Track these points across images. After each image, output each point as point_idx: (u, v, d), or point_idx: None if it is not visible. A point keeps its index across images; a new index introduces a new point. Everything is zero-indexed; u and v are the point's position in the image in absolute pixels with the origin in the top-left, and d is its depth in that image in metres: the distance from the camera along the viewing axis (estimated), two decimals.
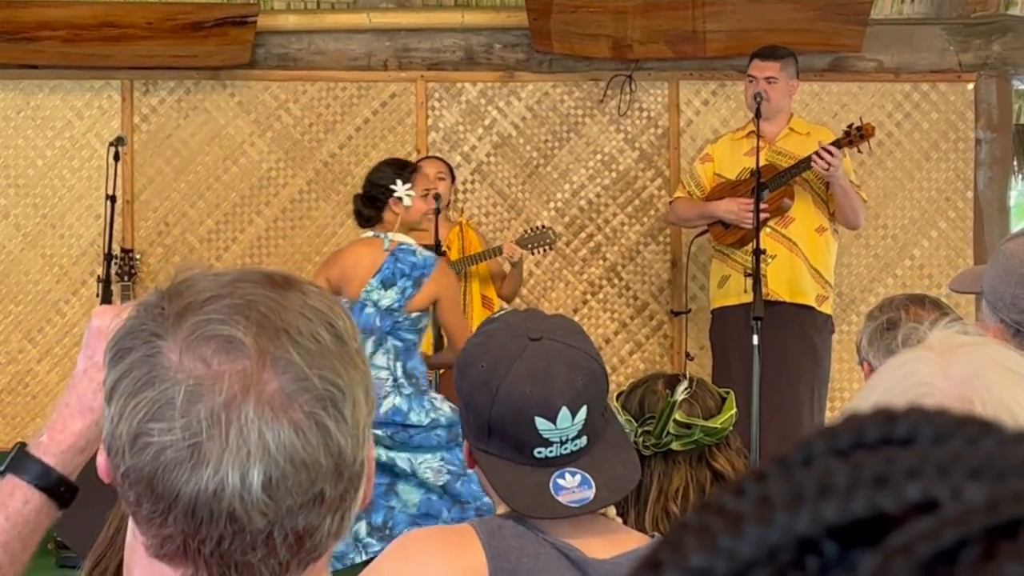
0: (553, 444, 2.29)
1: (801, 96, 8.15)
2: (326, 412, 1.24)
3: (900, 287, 8.24)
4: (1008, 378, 1.31)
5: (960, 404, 1.29)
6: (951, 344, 1.36)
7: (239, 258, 8.18)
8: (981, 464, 0.54)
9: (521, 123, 8.28)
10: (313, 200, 8.24)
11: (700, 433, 3.04)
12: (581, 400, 2.30)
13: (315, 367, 1.25)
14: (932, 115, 8.38)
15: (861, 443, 0.56)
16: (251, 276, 1.31)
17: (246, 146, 8.23)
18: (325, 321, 1.28)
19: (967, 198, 8.37)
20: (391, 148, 8.24)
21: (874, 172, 8.29)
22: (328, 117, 8.27)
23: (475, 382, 2.34)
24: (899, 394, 1.32)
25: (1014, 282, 2.19)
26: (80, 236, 8.15)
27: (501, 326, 2.44)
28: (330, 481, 1.24)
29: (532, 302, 8.21)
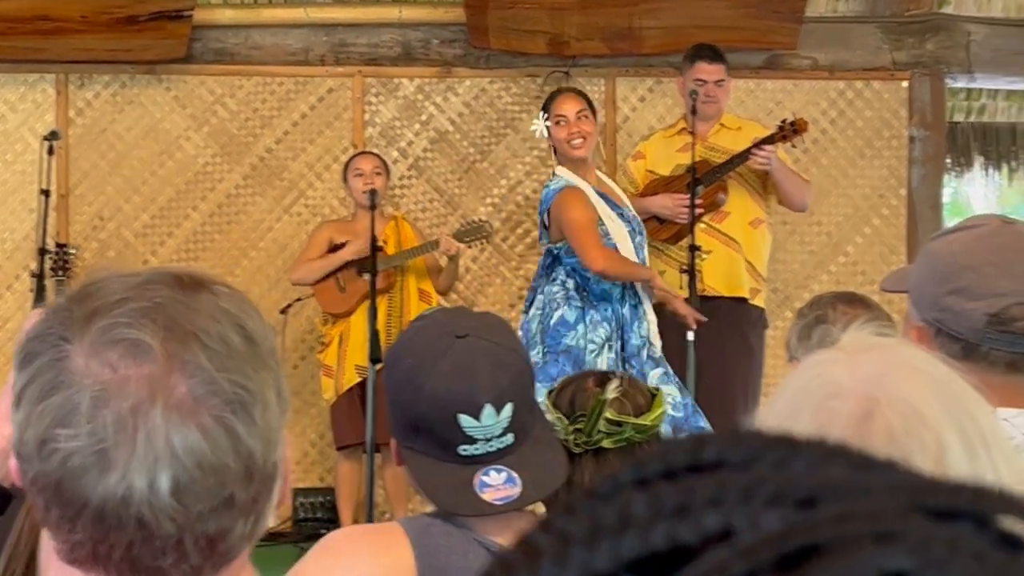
0: (478, 441, 2.30)
1: (736, 93, 8.19)
2: (235, 416, 1.24)
3: (834, 283, 8.30)
4: (915, 377, 1.33)
5: (866, 403, 1.31)
6: (862, 345, 1.38)
7: (175, 253, 8.15)
8: (782, 489, 0.54)
9: (458, 119, 8.29)
10: (249, 195, 8.22)
11: (631, 431, 3.05)
12: (506, 397, 2.30)
13: (224, 370, 1.24)
14: (866, 113, 8.44)
15: (670, 471, 0.56)
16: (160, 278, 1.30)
17: (182, 141, 8.19)
18: (235, 323, 1.27)
19: (900, 195, 8.44)
20: (328, 143, 8.24)
21: (809, 169, 8.33)
22: (265, 112, 8.24)
23: (401, 379, 2.34)
24: (808, 394, 1.34)
25: (936, 281, 2.21)
26: (14, 231, 8.10)
27: (428, 323, 2.44)
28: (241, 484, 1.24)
29: (469, 298, 8.22)
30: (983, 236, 2.20)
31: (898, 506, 0.53)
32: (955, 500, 0.55)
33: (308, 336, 8.04)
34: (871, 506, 0.53)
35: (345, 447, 7.42)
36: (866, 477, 0.56)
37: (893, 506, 0.53)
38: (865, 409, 1.31)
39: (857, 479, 0.55)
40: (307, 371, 8.03)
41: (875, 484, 0.55)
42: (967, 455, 1.29)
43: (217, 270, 8.10)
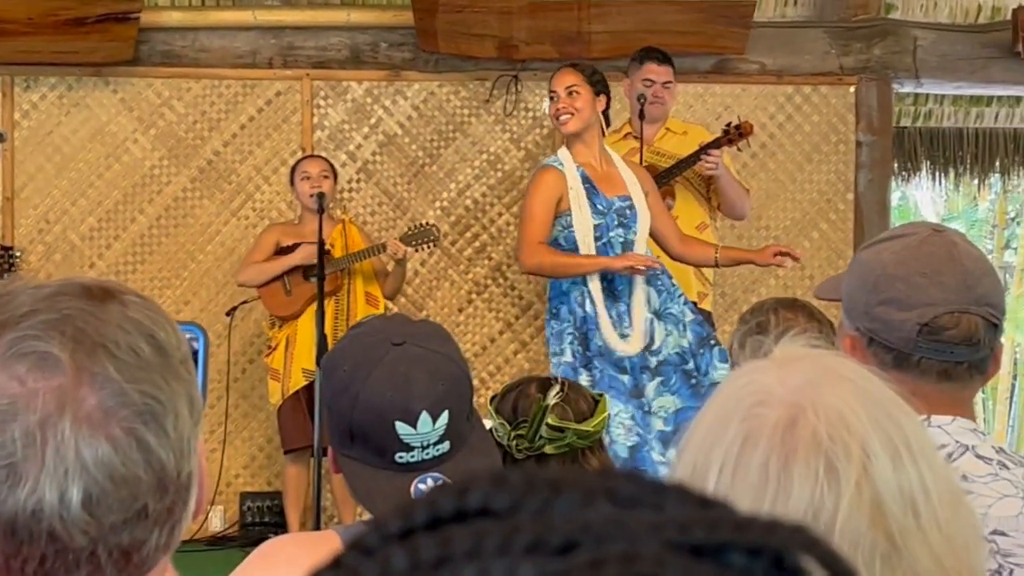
0: (414, 449, 2.30)
1: (685, 98, 8.22)
2: (146, 427, 1.23)
3: (782, 288, 8.34)
4: (842, 385, 1.34)
5: (793, 410, 1.32)
6: (792, 355, 1.39)
7: (121, 256, 8.11)
8: (541, 537, 0.54)
9: (407, 122, 8.28)
10: (197, 198, 8.18)
11: (573, 436, 3.05)
12: (442, 405, 2.30)
13: (134, 381, 1.23)
14: (814, 117, 8.48)
15: (435, 519, 0.56)
16: (70, 289, 1.29)
17: (129, 143, 8.15)
18: (145, 333, 1.26)
19: (848, 200, 8.48)
20: (276, 146, 8.21)
21: (757, 174, 8.38)
22: (212, 115, 8.21)
23: (337, 387, 2.34)
24: (737, 401, 1.35)
25: (867, 291, 2.22)
26: None
27: (365, 331, 2.44)
28: (154, 496, 1.23)
29: (417, 301, 8.22)
30: (913, 245, 2.21)
31: (657, 546, 0.54)
32: (716, 536, 0.55)
33: (256, 340, 8.02)
34: (628, 548, 0.53)
35: (292, 450, 7.40)
36: (628, 516, 0.56)
37: (652, 546, 0.53)
38: (791, 416, 1.31)
39: (619, 519, 0.55)
40: (255, 375, 8.01)
41: (636, 523, 0.55)
42: (892, 463, 1.30)
43: (164, 273, 8.08)
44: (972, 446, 2.15)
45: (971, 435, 2.17)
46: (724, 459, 1.32)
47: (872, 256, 2.25)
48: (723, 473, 1.32)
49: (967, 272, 2.17)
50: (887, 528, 1.28)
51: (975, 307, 2.17)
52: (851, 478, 1.28)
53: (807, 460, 1.29)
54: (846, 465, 1.28)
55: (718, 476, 1.32)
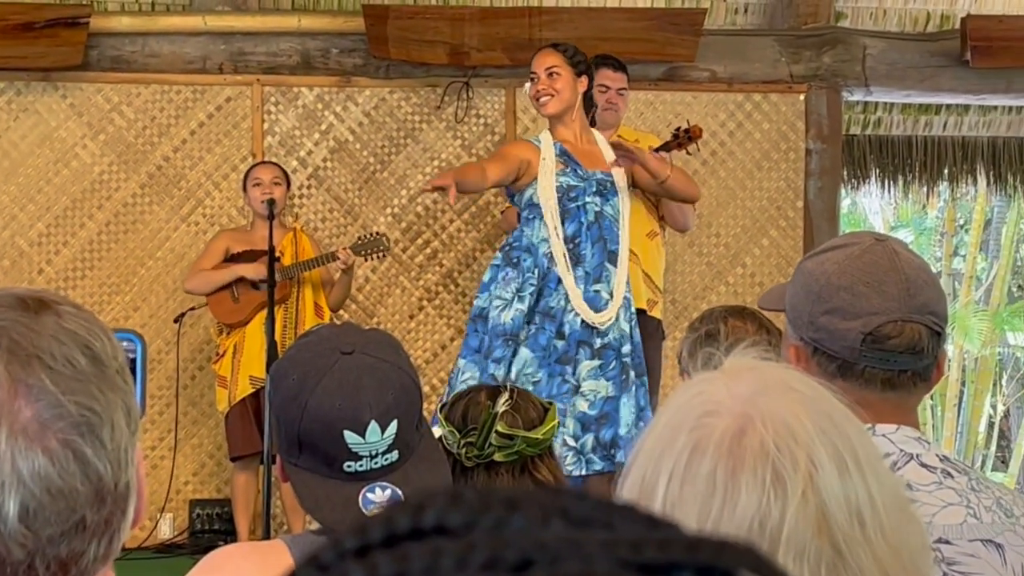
0: (363, 458, 2.29)
1: (636, 105, 8.24)
2: (83, 439, 1.22)
3: (732, 295, 8.37)
4: (790, 396, 1.35)
5: (741, 420, 1.33)
6: (741, 367, 1.39)
7: (70, 262, 8.06)
8: (496, 554, 0.54)
9: (358, 128, 8.27)
10: (146, 204, 8.14)
11: (522, 444, 3.05)
12: (391, 414, 2.29)
13: (70, 393, 1.22)
14: (764, 125, 8.52)
15: (391, 537, 0.57)
16: (4, 300, 1.27)
17: (78, 149, 8.11)
18: (81, 344, 1.26)
19: (797, 207, 8.52)
20: (226, 152, 8.18)
21: (707, 181, 8.40)
22: (162, 120, 8.18)
23: (286, 395, 2.33)
24: (687, 411, 1.35)
25: (811, 300, 2.23)
26: None
27: (313, 339, 2.43)
28: (91, 507, 1.23)
29: (369, 308, 8.20)
30: (855, 255, 2.23)
31: (610, 564, 0.54)
32: (667, 555, 0.55)
33: (206, 346, 7.98)
34: (583, 566, 0.54)
35: (240, 458, 7.37)
36: (582, 535, 0.56)
37: (605, 565, 0.54)
38: (739, 426, 1.32)
39: (573, 538, 0.56)
40: (205, 381, 7.98)
41: (590, 542, 0.56)
42: (838, 473, 1.30)
43: (113, 279, 8.04)
44: (917, 455, 2.17)
45: (915, 444, 2.18)
46: (673, 468, 1.32)
47: (815, 266, 2.26)
48: (672, 482, 1.32)
49: (909, 281, 2.19)
50: (833, 537, 1.29)
51: (918, 315, 2.18)
52: (797, 488, 1.29)
53: (754, 470, 1.30)
54: (793, 475, 1.29)
55: (667, 485, 1.32)
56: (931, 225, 15.30)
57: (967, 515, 2.12)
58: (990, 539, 2.11)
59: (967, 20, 8.60)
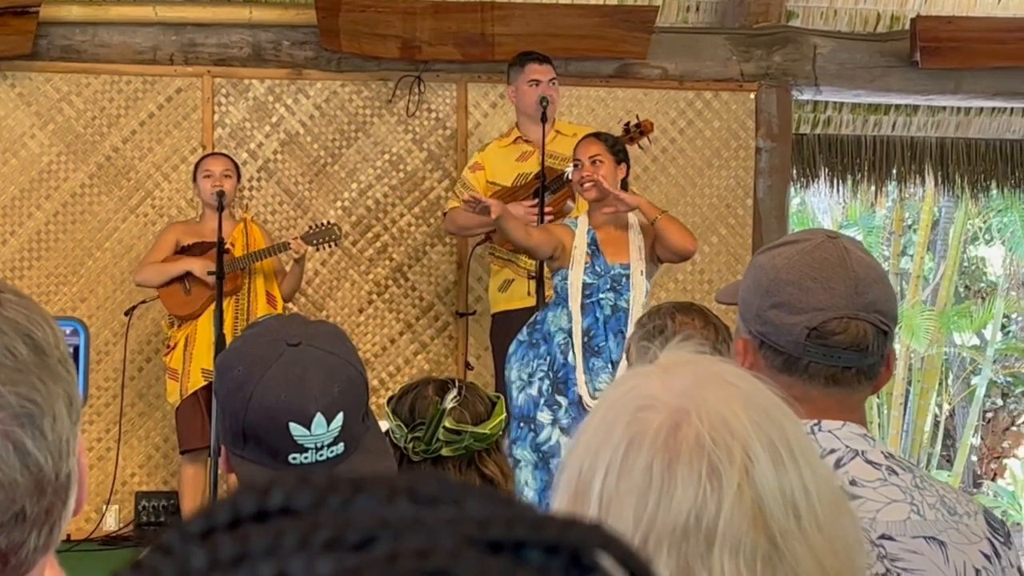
0: (308, 450, 2.29)
1: (587, 102, 8.27)
2: (23, 430, 1.21)
3: (681, 291, 8.39)
4: (726, 390, 1.36)
5: (676, 414, 1.33)
6: (676, 360, 1.40)
7: (17, 252, 8.01)
8: (340, 533, 0.55)
9: (309, 121, 8.25)
10: (95, 194, 8.10)
11: (469, 439, 3.06)
12: (337, 407, 2.29)
13: (10, 384, 1.21)
14: (714, 123, 8.55)
15: (236, 519, 0.57)
16: None
17: (26, 138, 8.06)
18: (23, 333, 1.25)
19: (747, 205, 8.55)
20: (176, 143, 8.15)
21: (657, 178, 8.43)
22: (112, 111, 8.14)
23: (231, 387, 2.32)
24: (622, 406, 1.36)
25: (760, 294, 2.24)
26: None
27: (260, 331, 2.42)
28: (31, 498, 1.22)
29: (318, 301, 8.19)
30: (806, 251, 2.24)
31: (454, 541, 0.55)
32: (513, 533, 0.56)
33: (154, 338, 7.95)
34: (425, 543, 0.55)
35: (189, 451, 7.34)
36: (428, 513, 0.57)
37: (448, 541, 0.55)
38: (675, 420, 1.33)
39: (418, 516, 0.57)
40: (152, 373, 7.94)
41: (434, 520, 0.56)
42: (773, 465, 1.31)
43: (61, 270, 8.00)
44: (862, 451, 2.18)
45: (861, 440, 2.19)
46: (609, 462, 1.33)
47: (766, 260, 2.27)
48: (608, 476, 1.33)
49: (858, 279, 2.20)
50: (768, 530, 1.30)
51: (864, 313, 2.19)
52: (733, 480, 1.30)
53: (690, 463, 1.31)
54: (728, 468, 1.30)
55: (603, 479, 1.33)
56: (879, 224, 15.37)
57: (911, 512, 2.13)
58: (933, 536, 2.12)
59: (917, 21, 8.65)
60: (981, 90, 8.91)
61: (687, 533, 1.29)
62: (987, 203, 11.79)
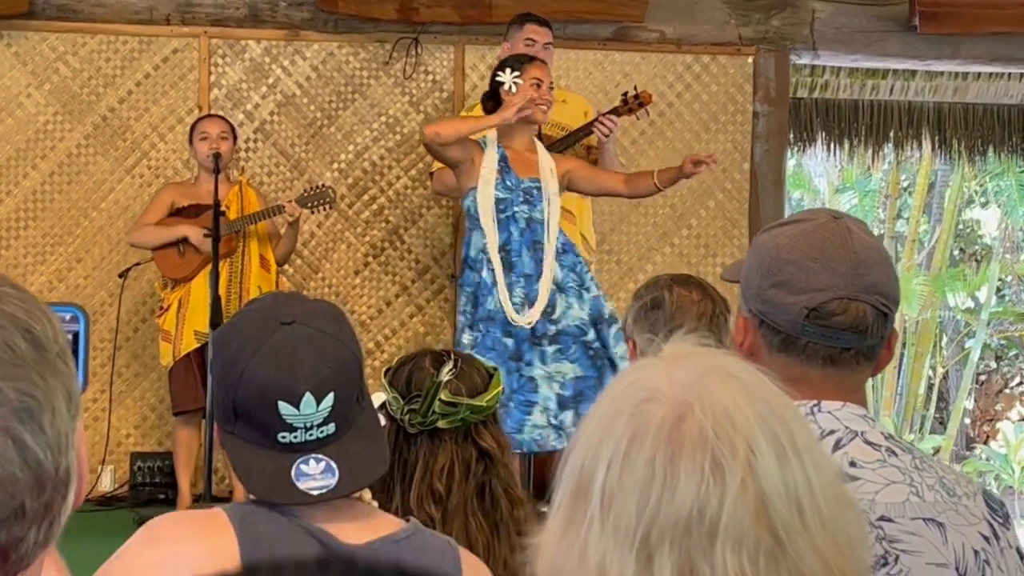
0: (297, 430, 2.28)
1: (584, 65, 8.24)
2: (23, 425, 1.21)
3: (677, 256, 8.39)
4: (729, 383, 1.35)
5: (680, 407, 1.33)
6: (680, 353, 1.39)
7: (12, 212, 7.99)
8: None
9: (305, 83, 8.22)
10: (91, 155, 8.08)
11: (466, 411, 3.06)
12: (328, 387, 2.28)
13: (9, 379, 1.21)
14: (712, 87, 8.52)
15: None
16: None
17: (22, 98, 8.03)
18: (21, 328, 1.24)
19: (744, 170, 8.53)
20: (172, 104, 8.12)
21: (654, 142, 8.41)
22: (108, 71, 8.10)
23: (224, 363, 2.32)
24: (626, 398, 1.35)
25: (761, 273, 2.24)
26: None
27: (255, 308, 2.42)
28: (31, 494, 1.21)
29: (314, 263, 8.17)
30: (808, 231, 2.23)
31: None
32: None
33: (149, 299, 7.94)
34: None
35: (182, 412, 7.35)
36: None
37: None
38: (678, 413, 1.32)
39: None
40: (147, 334, 7.93)
41: None
42: (777, 460, 1.31)
43: (56, 230, 7.98)
44: (861, 432, 2.18)
45: (861, 421, 2.19)
46: (612, 454, 1.33)
47: (769, 239, 2.27)
48: (611, 468, 1.33)
49: (859, 260, 2.19)
50: (772, 525, 1.29)
51: (865, 295, 2.19)
52: (736, 475, 1.29)
53: (693, 456, 1.30)
54: (731, 462, 1.30)
55: (606, 472, 1.33)
56: (875, 188, 15.36)
57: (910, 493, 2.13)
58: (932, 518, 2.12)
59: None
60: (979, 55, 8.88)
61: (690, 527, 1.29)
62: (983, 167, 11.78)
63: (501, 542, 3.07)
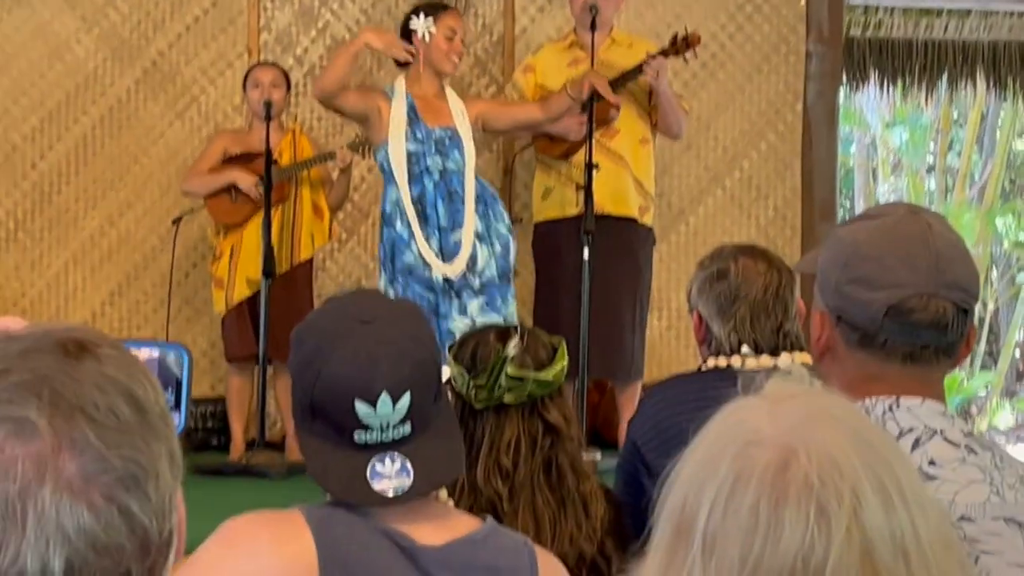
0: (373, 429, 2.27)
1: (636, 6, 8.15)
2: (128, 492, 1.20)
3: (728, 198, 8.34)
4: (835, 427, 1.33)
5: (784, 452, 1.31)
6: (783, 394, 1.38)
7: (64, 157, 7.98)
8: None
9: (355, 26, 8.16)
10: (141, 100, 8.06)
11: (532, 385, 3.05)
12: (404, 386, 2.27)
13: (114, 446, 1.20)
14: (764, 28, 8.43)
15: None
16: (43, 344, 1.24)
17: (72, 43, 8.01)
18: (124, 392, 1.23)
19: (796, 111, 8.46)
20: (222, 48, 8.10)
21: (706, 84, 8.34)
22: (157, 15, 8.07)
23: (301, 361, 2.32)
24: (728, 441, 1.34)
25: (839, 268, 2.21)
26: None
27: (335, 306, 2.41)
28: (136, 560, 1.21)
29: (364, 208, 8.15)
30: (888, 226, 2.20)
31: None
32: None
33: (200, 244, 7.95)
34: None
35: (235, 360, 7.37)
36: None
37: None
38: (783, 458, 1.31)
39: None
40: (199, 279, 7.94)
41: None
42: (883, 508, 1.29)
43: (108, 175, 7.98)
44: (940, 430, 2.15)
45: (940, 418, 2.17)
46: (715, 498, 1.31)
47: (847, 234, 2.24)
48: (713, 512, 1.31)
49: (939, 256, 2.16)
50: (877, 573, 1.28)
51: (945, 291, 2.16)
52: (842, 523, 1.28)
53: (798, 504, 1.29)
54: (837, 510, 1.28)
55: (708, 515, 1.31)
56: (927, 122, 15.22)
57: (990, 493, 2.11)
58: (1012, 517, 2.10)
59: None
60: None
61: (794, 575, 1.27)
62: None
63: (567, 517, 3.07)
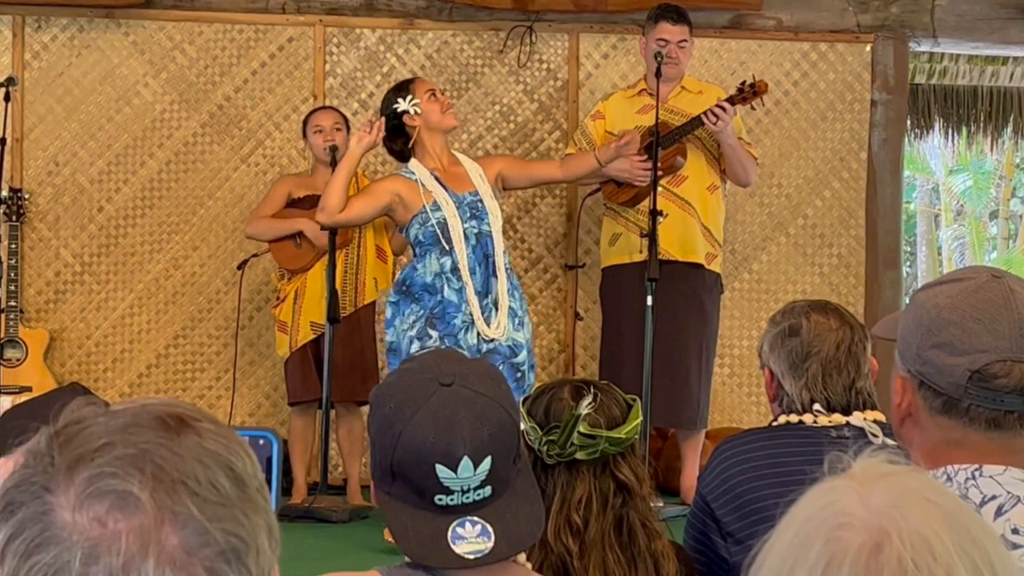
0: (454, 493, 2.27)
1: (700, 53, 8.15)
2: (229, 566, 1.20)
3: (792, 246, 8.31)
4: (928, 509, 1.32)
5: (877, 535, 1.30)
6: (873, 474, 1.36)
7: (130, 200, 8.06)
8: None
9: (420, 71, 8.20)
10: (207, 143, 8.13)
11: (605, 443, 3.04)
12: (485, 451, 2.27)
13: (215, 519, 1.21)
14: (829, 75, 8.42)
15: None
16: (144, 419, 1.25)
17: (139, 87, 8.09)
18: (224, 465, 1.24)
19: (861, 159, 8.43)
20: (287, 92, 8.15)
21: (770, 131, 8.33)
22: (224, 60, 8.15)
23: (381, 423, 2.31)
24: (818, 524, 1.32)
25: (920, 333, 2.19)
26: None
27: (415, 367, 2.40)
28: None
29: None
30: (969, 291, 2.18)
31: None
32: None
33: (264, 287, 7.99)
34: None
35: (298, 403, 7.39)
36: None
37: None
38: (876, 541, 1.29)
39: None
40: (262, 323, 7.98)
41: None
42: None
43: (173, 219, 8.04)
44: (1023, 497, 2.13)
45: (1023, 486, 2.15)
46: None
47: (928, 298, 2.22)
48: None
49: (1022, 321, 2.14)
50: None
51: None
52: None
53: None
54: None
55: None
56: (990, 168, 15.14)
57: None
58: None
59: None
60: None
61: None
62: None
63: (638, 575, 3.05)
